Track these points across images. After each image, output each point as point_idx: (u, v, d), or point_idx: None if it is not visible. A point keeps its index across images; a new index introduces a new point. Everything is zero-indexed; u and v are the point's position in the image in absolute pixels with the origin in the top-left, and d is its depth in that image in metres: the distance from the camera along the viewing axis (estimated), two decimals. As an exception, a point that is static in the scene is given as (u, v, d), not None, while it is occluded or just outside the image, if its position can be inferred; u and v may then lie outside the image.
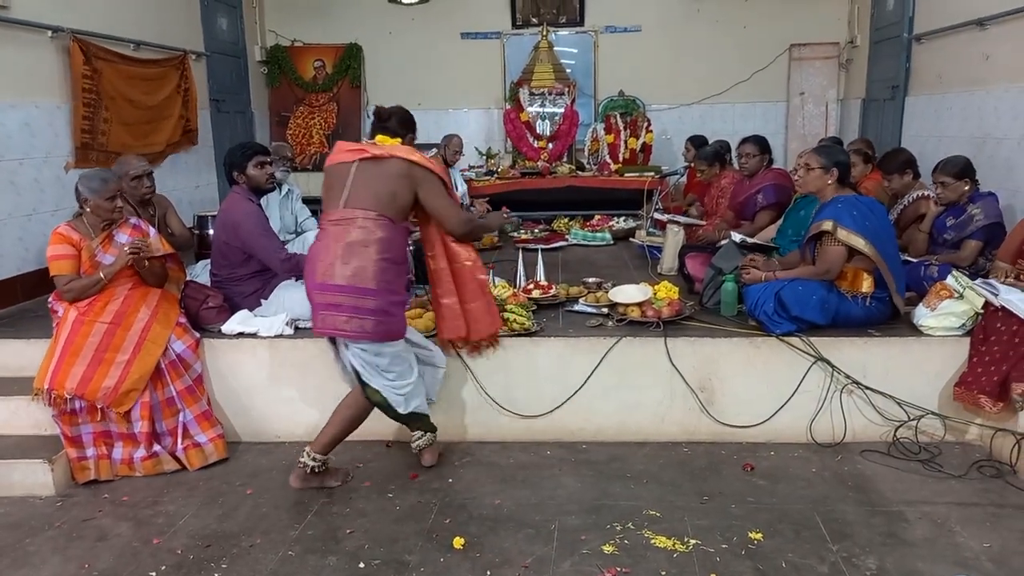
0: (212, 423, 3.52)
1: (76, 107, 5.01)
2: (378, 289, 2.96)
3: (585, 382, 3.54)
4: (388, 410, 3.16)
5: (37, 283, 4.62)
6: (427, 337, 3.47)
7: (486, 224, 3.88)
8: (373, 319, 2.96)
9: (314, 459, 3.16)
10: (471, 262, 3.34)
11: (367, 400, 3.13)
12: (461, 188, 6.72)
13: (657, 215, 5.67)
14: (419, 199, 3.13)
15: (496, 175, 7.56)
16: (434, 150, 6.73)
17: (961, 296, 3.47)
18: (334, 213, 3.06)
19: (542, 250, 5.01)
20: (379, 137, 3.23)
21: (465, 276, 3.34)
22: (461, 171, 7.07)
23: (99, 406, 3.27)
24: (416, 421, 3.28)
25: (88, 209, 3.46)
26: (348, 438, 3.22)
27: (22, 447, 3.40)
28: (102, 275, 3.41)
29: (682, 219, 5.29)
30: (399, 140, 3.22)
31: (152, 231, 3.71)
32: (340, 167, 3.13)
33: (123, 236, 3.55)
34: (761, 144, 5.01)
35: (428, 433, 3.34)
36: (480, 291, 3.39)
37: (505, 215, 3.84)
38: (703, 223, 5.43)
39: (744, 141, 5.09)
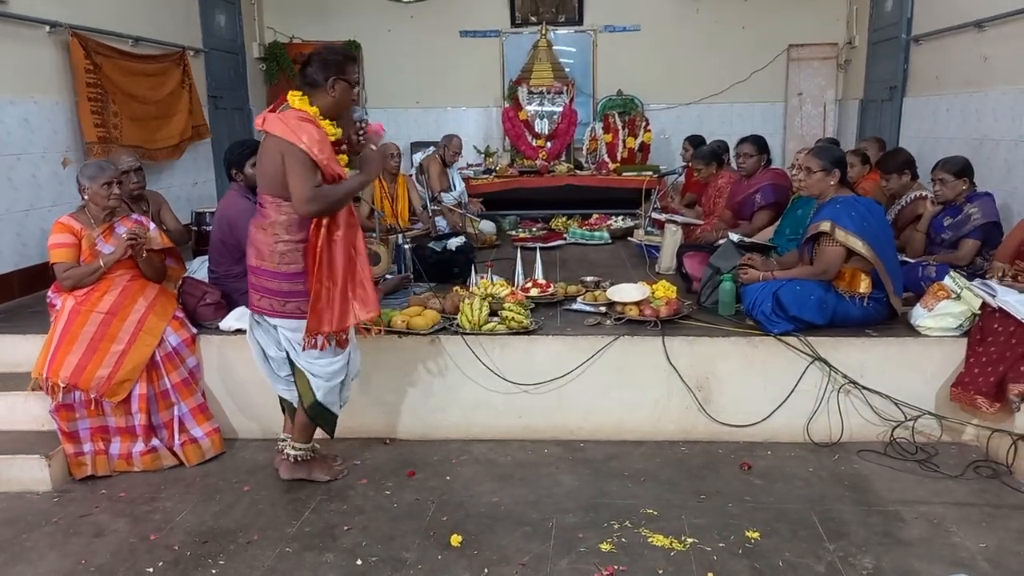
0: (208, 416, 3.53)
1: (83, 103, 5.01)
2: (278, 272, 2.88)
3: (580, 365, 3.53)
4: (307, 395, 3.04)
5: (34, 278, 4.62)
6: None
7: (347, 187, 2.90)
8: (281, 298, 2.92)
9: (295, 448, 3.17)
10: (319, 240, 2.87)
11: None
12: (459, 187, 6.73)
13: (655, 214, 5.68)
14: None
15: (494, 173, 7.57)
16: (432, 148, 6.74)
17: (958, 297, 3.47)
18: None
19: (540, 248, 5.02)
20: (290, 94, 2.88)
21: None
22: (459, 169, 7.08)
23: (92, 396, 3.27)
24: (324, 420, 3.13)
25: (87, 198, 3.48)
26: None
27: (19, 443, 3.39)
28: (101, 263, 3.42)
29: (680, 218, 5.30)
30: (308, 98, 2.85)
31: (152, 225, 3.72)
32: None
33: (124, 228, 3.55)
34: (759, 144, 5.02)
35: (310, 443, 3.20)
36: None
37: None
38: (701, 223, 5.43)
39: (742, 141, 5.10)
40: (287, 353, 3.05)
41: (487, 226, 6.39)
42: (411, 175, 6.46)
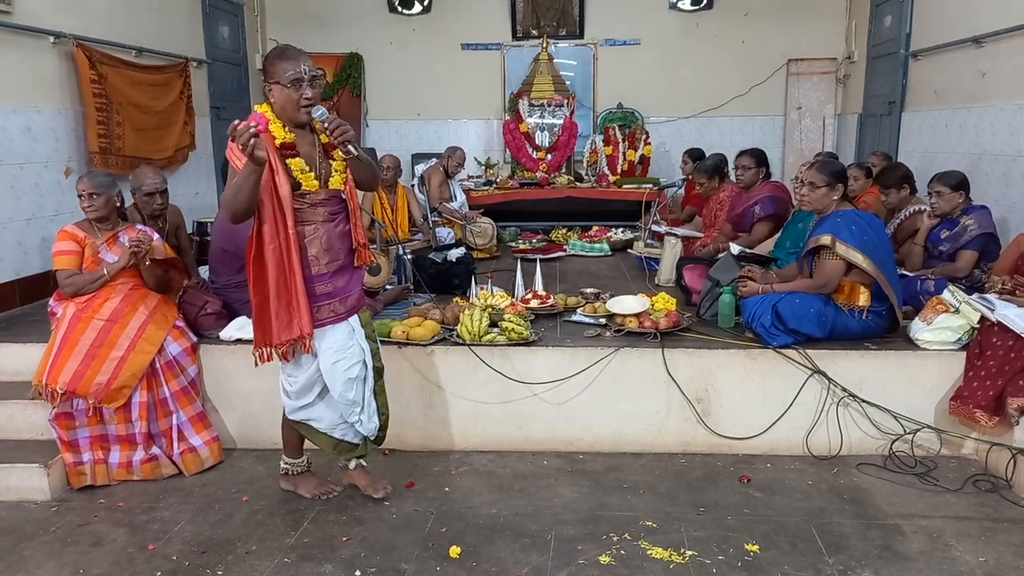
0: (206, 425, 3.53)
1: (89, 112, 5.05)
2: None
3: (579, 372, 3.54)
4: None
5: (35, 287, 4.63)
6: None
7: (233, 184, 2.60)
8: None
9: (284, 462, 3.20)
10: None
11: None
12: (460, 198, 6.75)
13: (655, 227, 5.70)
14: None
15: (495, 185, 7.60)
16: (434, 160, 6.77)
17: (957, 311, 3.48)
18: None
19: (540, 260, 5.04)
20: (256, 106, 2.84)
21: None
22: (460, 181, 7.11)
23: (91, 402, 3.28)
24: (315, 437, 3.08)
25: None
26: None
27: (18, 451, 3.39)
28: (105, 271, 3.45)
29: (680, 231, 5.32)
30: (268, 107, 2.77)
31: (156, 236, 3.72)
32: None
33: (127, 237, 3.57)
34: (758, 157, 5.04)
35: (355, 458, 3.12)
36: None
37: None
38: (701, 235, 5.45)
39: (741, 154, 5.13)
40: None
41: (486, 222, 6.36)
42: (412, 186, 6.49)
